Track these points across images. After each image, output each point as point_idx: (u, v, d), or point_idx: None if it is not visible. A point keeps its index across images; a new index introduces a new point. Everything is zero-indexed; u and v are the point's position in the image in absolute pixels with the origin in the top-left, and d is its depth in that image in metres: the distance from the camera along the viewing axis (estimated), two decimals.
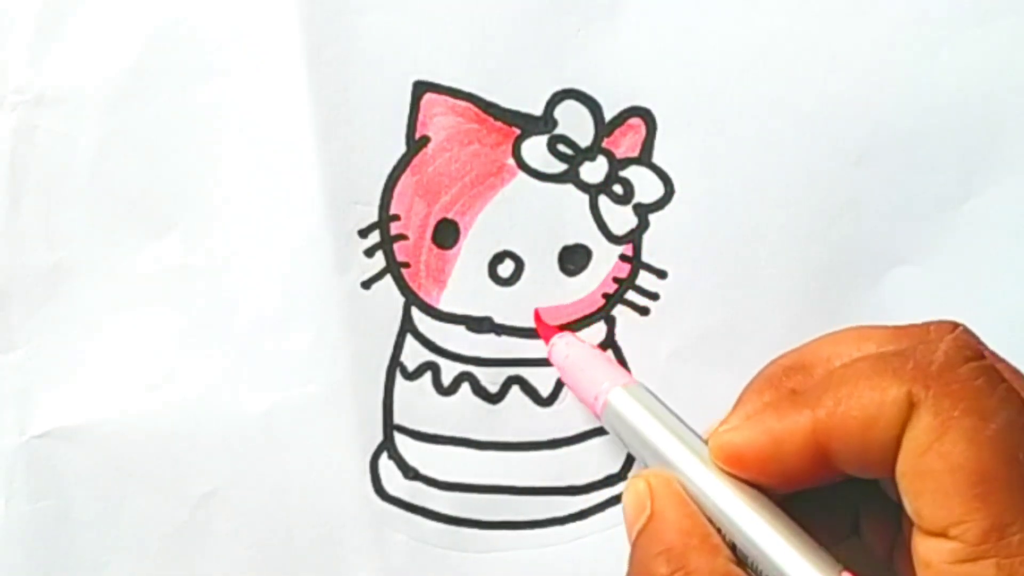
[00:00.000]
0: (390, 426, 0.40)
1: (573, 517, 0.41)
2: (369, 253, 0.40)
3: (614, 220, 0.40)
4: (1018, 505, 0.27)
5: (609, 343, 0.40)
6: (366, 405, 0.40)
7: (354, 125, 0.39)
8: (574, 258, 0.40)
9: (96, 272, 0.40)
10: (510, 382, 0.40)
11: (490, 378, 0.40)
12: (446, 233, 0.40)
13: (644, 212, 0.40)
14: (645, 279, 0.40)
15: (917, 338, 0.31)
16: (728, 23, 0.39)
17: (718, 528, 0.32)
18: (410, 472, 0.40)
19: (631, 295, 0.40)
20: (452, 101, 0.39)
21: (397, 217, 0.40)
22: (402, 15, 0.39)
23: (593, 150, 0.40)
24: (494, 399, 0.40)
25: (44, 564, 0.40)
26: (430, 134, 0.40)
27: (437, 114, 0.39)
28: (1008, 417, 0.28)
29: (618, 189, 0.40)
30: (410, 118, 0.39)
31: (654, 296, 0.40)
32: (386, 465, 0.40)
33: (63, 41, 0.39)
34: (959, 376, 0.28)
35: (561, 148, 0.40)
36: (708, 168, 0.39)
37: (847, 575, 0.30)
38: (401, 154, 0.40)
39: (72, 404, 0.40)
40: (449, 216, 0.40)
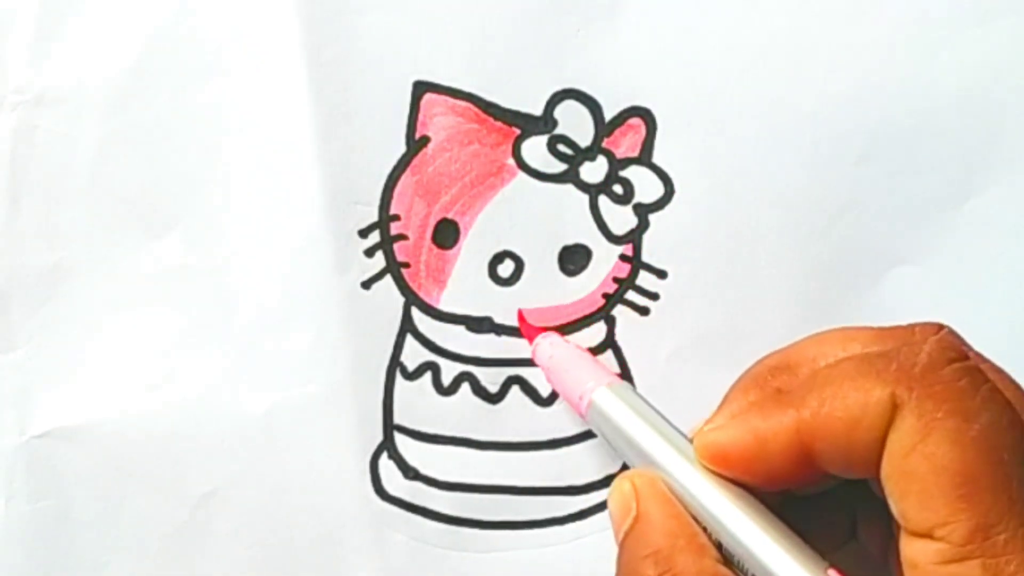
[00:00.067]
0: (390, 426, 0.40)
1: (573, 517, 0.41)
2: (369, 253, 0.40)
3: (614, 220, 0.40)
4: (1003, 505, 0.27)
5: (609, 343, 0.40)
6: (366, 405, 0.40)
7: (354, 125, 0.39)
8: (574, 258, 0.40)
9: (96, 272, 0.40)
10: (510, 382, 0.40)
11: (490, 378, 0.40)
12: (446, 233, 0.40)
13: (644, 212, 0.40)
14: (645, 279, 0.40)
15: (902, 339, 0.31)
16: (728, 23, 0.39)
17: (704, 527, 0.32)
18: (410, 472, 0.40)
19: (631, 295, 0.40)
20: (452, 101, 0.39)
21: (397, 217, 0.40)
22: (402, 15, 0.39)
23: (593, 150, 0.40)
24: (494, 399, 0.40)
25: (44, 564, 0.40)
26: (430, 134, 0.40)
27: (437, 114, 0.40)
28: (991, 417, 0.28)
29: (618, 189, 0.40)
30: (410, 118, 0.39)
31: (654, 296, 0.40)
32: (386, 465, 0.40)
33: (63, 41, 0.39)
34: (942, 377, 0.28)
35: (561, 148, 0.40)
36: (708, 168, 0.39)
37: (833, 572, 0.30)
38: (401, 154, 0.40)
39: (72, 404, 0.40)
40: (449, 216, 0.40)
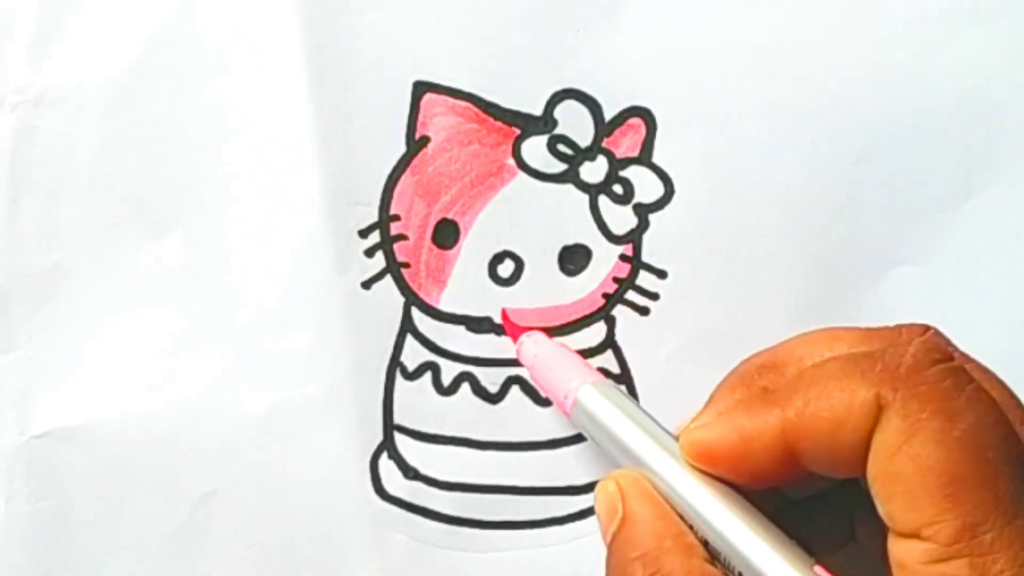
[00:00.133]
0: (390, 426, 0.40)
1: (573, 517, 0.41)
2: (369, 253, 0.40)
3: (614, 220, 0.40)
4: (989, 504, 0.27)
5: (609, 343, 0.40)
6: (366, 405, 0.40)
7: (354, 125, 0.39)
8: (574, 258, 0.40)
9: (96, 272, 0.40)
10: (510, 382, 0.40)
11: (490, 378, 0.40)
12: (446, 233, 0.40)
13: (644, 212, 0.40)
14: (645, 279, 0.40)
15: (888, 340, 0.31)
16: (728, 23, 0.39)
17: (690, 526, 0.31)
18: (410, 472, 0.40)
19: (631, 295, 0.40)
20: (452, 101, 0.39)
21: (397, 217, 0.40)
22: (402, 15, 0.39)
23: (593, 150, 0.40)
24: (494, 399, 0.40)
25: (44, 564, 0.40)
26: (430, 134, 0.40)
27: (437, 114, 0.40)
28: (976, 417, 0.28)
29: (618, 189, 0.40)
30: (410, 118, 0.39)
31: (654, 296, 0.40)
32: (386, 465, 0.40)
33: (63, 41, 0.39)
34: (927, 378, 0.28)
35: (561, 148, 0.40)
36: (708, 168, 0.39)
37: (819, 568, 0.30)
38: (401, 154, 0.40)
39: (72, 404, 0.40)
40: (449, 216, 0.40)
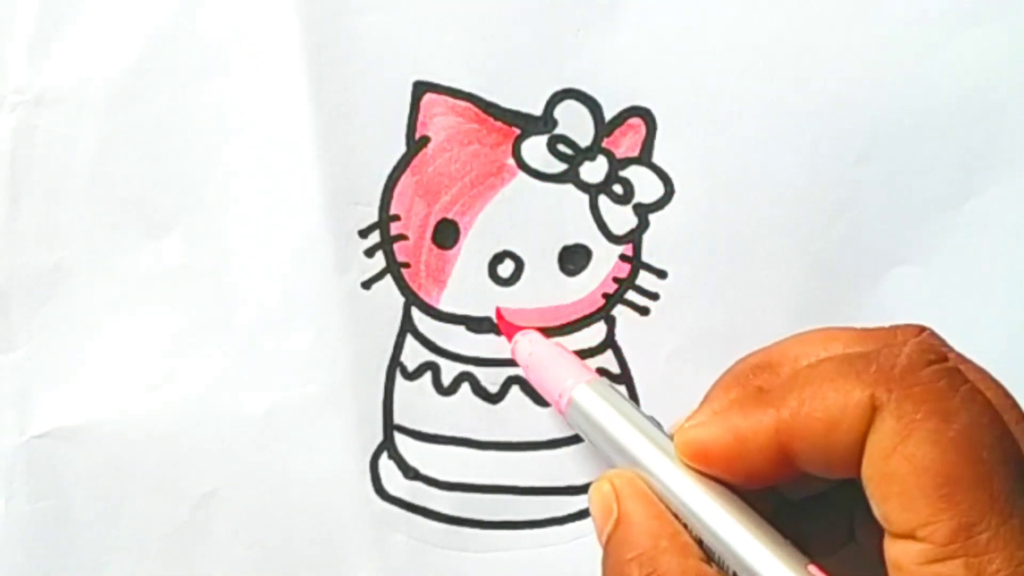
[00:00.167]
0: (390, 426, 0.40)
1: (573, 517, 0.41)
2: (369, 253, 0.40)
3: (614, 220, 0.40)
4: (984, 504, 0.27)
5: (609, 343, 0.40)
6: (366, 405, 0.40)
7: (354, 125, 0.39)
8: (574, 258, 0.40)
9: (96, 272, 0.40)
10: (510, 382, 0.40)
11: (490, 378, 0.40)
12: (446, 233, 0.40)
13: (644, 212, 0.40)
14: (645, 279, 0.40)
15: (883, 341, 0.31)
16: (728, 23, 0.39)
17: (685, 524, 0.32)
18: (410, 472, 0.40)
19: (631, 295, 0.40)
20: (452, 101, 0.39)
21: (397, 217, 0.40)
22: (402, 15, 0.39)
23: (593, 150, 0.40)
24: (494, 399, 0.40)
25: (44, 564, 0.40)
26: (430, 134, 0.40)
27: (437, 114, 0.39)
28: (970, 417, 0.28)
29: (618, 189, 0.40)
30: (410, 118, 0.39)
31: (654, 296, 0.40)
32: (386, 465, 0.40)
33: (63, 41, 0.39)
34: (921, 379, 0.28)
35: (561, 148, 0.40)
36: (708, 168, 0.39)
37: (813, 568, 0.30)
38: (401, 154, 0.40)
39: (72, 404, 0.40)
40: (449, 216, 0.40)
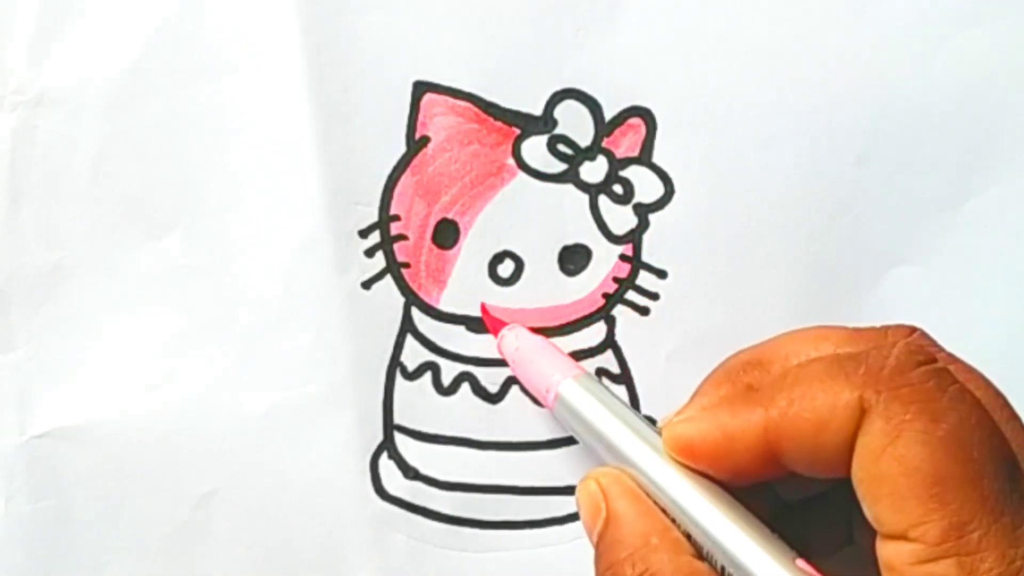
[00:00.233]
0: (390, 426, 0.40)
1: (573, 517, 0.41)
2: (369, 253, 0.40)
3: (614, 220, 0.40)
4: (975, 503, 0.27)
5: (609, 343, 0.40)
6: (366, 405, 0.40)
7: (354, 125, 0.39)
8: (574, 258, 0.40)
9: (96, 272, 0.40)
10: (510, 382, 0.40)
11: (490, 378, 0.40)
12: (446, 233, 0.40)
13: (644, 212, 0.40)
14: (645, 279, 0.40)
15: (874, 341, 0.31)
16: (728, 23, 0.39)
17: (673, 519, 0.31)
18: (410, 472, 0.40)
19: (631, 295, 0.40)
20: (452, 101, 0.39)
21: (397, 217, 0.40)
22: (402, 15, 0.39)
23: (593, 150, 0.40)
24: (494, 399, 0.40)
25: (44, 564, 0.40)
26: (430, 134, 0.40)
27: (437, 114, 0.39)
28: (959, 417, 0.28)
29: (618, 189, 0.40)
30: (410, 118, 0.39)
31: (654, 296, 0.40)
32: (386, 465, 0.40)
33: (63, 41, 0.39)
34: (910, 380, 0.28)
35: (561, 148, 0.40)
36: (708, 168, 0.39)
37: (801, 562, 0.30)
38: (401, 154, 0.40)
39: (72, 404, 0.40)
40: (449, 216, 0.40)
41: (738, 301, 0.40)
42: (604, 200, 0.40)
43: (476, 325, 0.40)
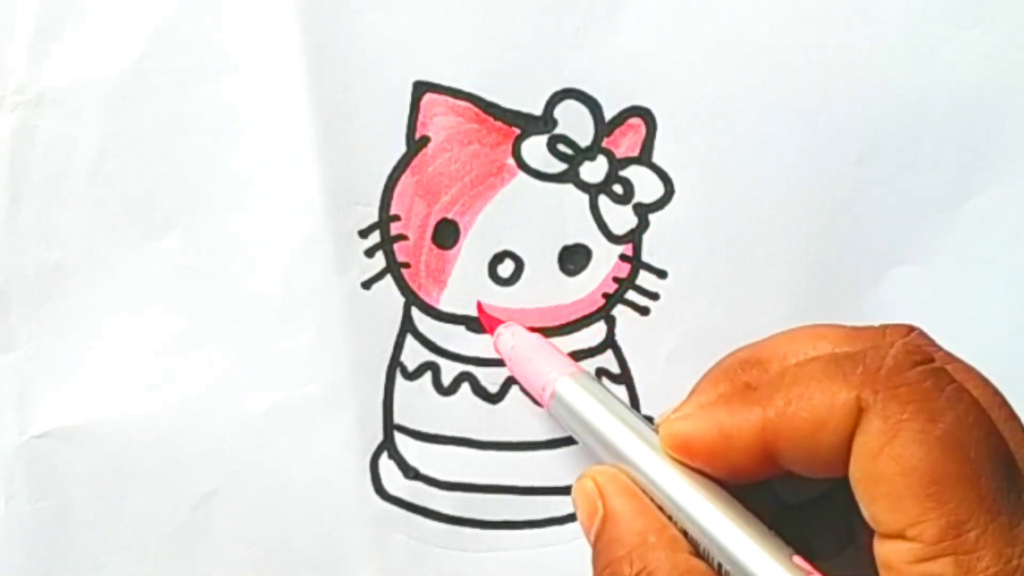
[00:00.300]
0: (390, 426, 0.40)
1: (572, 517, 0.41)
2: (369, 253, 0.40)
3: (614, 220, 0.40)
4: (972, 502, 0.27)
5: (609, 343, 0.40)
6: (366, 405, 0.40)
7: (354, 125, 0.39)
8: (574, 258, 0.40)
9: (96, 272, 0.40)
10: (510, 382, 0.40)
11: (490, 378, 0.40)
12: (446, 233, 0.40)
13: (644, 212, 0.40)
14: (645, 279, 0.40)
15: (871, 340, 0.31)
16: (728, 23, 0.39)
17: (670, 517, 0.31)
18: (410, 472, 0.40)
19: (631, 295, 0.40)
20: (452, 101, 0.39)
21: (397, 217, 0.40)
22: (402, 15, 0.39)
23: (593, 150, 0.40)
24: (494, 399, 0.40)
25: (44, 564, 0.40)
26: (430, 134, 0.40)
27: (437, 114, 0.39)
28: (957, 416, 0.28)
29: (618, 189, 0.40)
30: (410, 118, 0.39)
31: (654, 296, 0.40)
32: (386, 465, 0.40)
33: (63, 41, 0.39)
34: (907, 379, 0.28)
35: (561, 148, 0.40)
36: (708, 168, 0.39)
37: (798, 559, 0.30)
38: (401, 154, 0.40)
39: (72, 404, 0.40)
40: (449, 216, 0.40)
41: (738, 301, 0.40)
42: (604, 200, 0.40)
43: (476, 325, 0.40)
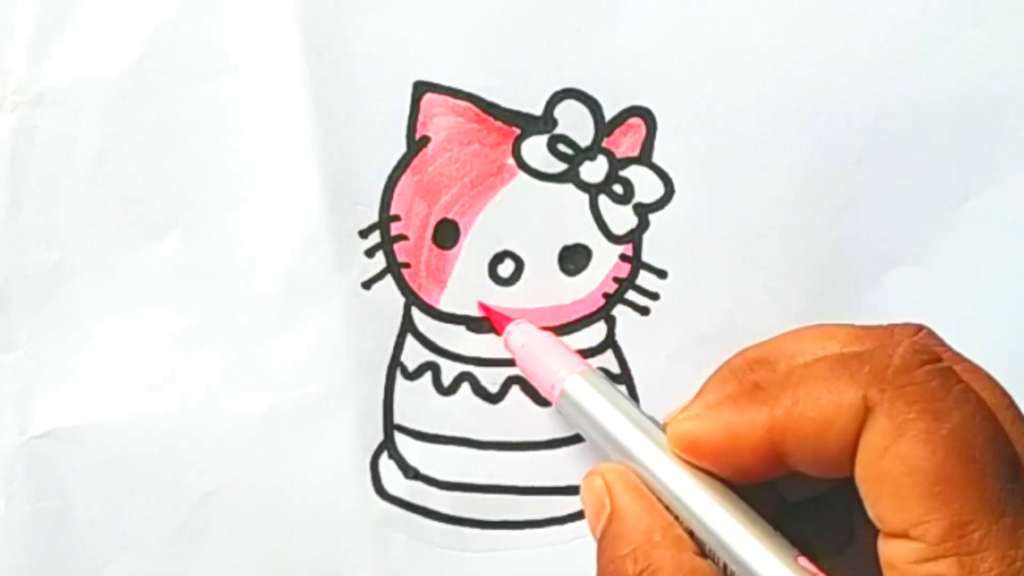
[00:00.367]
0: (390, 426, 0.40)
1: (573, 517, 0.41)
2: (369, 253, 0.40)
3: (614, 220, 0.40)
4: (976, 503, 0.27)
5: (609, 343, 0.40)
6: (366, 405, 0.40)
7: (354, 125, 0.39)
8: (574, 258, 0.40)
9: (96, 272, 0.40)
10: (510, 382, 0.40)
11: (490, 378, 0.40)
12: (446, 233, 0.40)
13: (644, 212, 0.40)
14: (645, 279, 0.40)
15: (879, 340, 0.31)
16: (728, 23, 0.39)
17: (676, 516, 0.32)
18: (410, 472, 0.40)
19: (631, 295, 0.40)
20: (452, 101, 0.39)
21: (397, 217, 0.40)
22: (402, 15, 0.39)
23: (593, 150, 0.40)
24: (494, 399, 0.40)
25: (44, 564, 0.40)
26: (430, 134, 0.40)
27: (437, 114, 0.39)
28: (963, 417, 0.28)
29: (618, 189, 0.40)
30: (410, 118, 0.39)
31: (654, 296, 0.40)
32: (386, 465, 0.40)
33: (63, 41, 0.39)
34: (914, 379, 0.28)
35: (561, 148, 0.40)
36: (708, 168, 0.39)
37: (803, 560, 0.30)
38: (401, 154, 0.40)
39: (72, 404, 0.40)
40: (449, 216, 0.40)
41: (738, 301, 0.40)
42: (604, 200, 0.40)
43: (476, 325, 0.40)
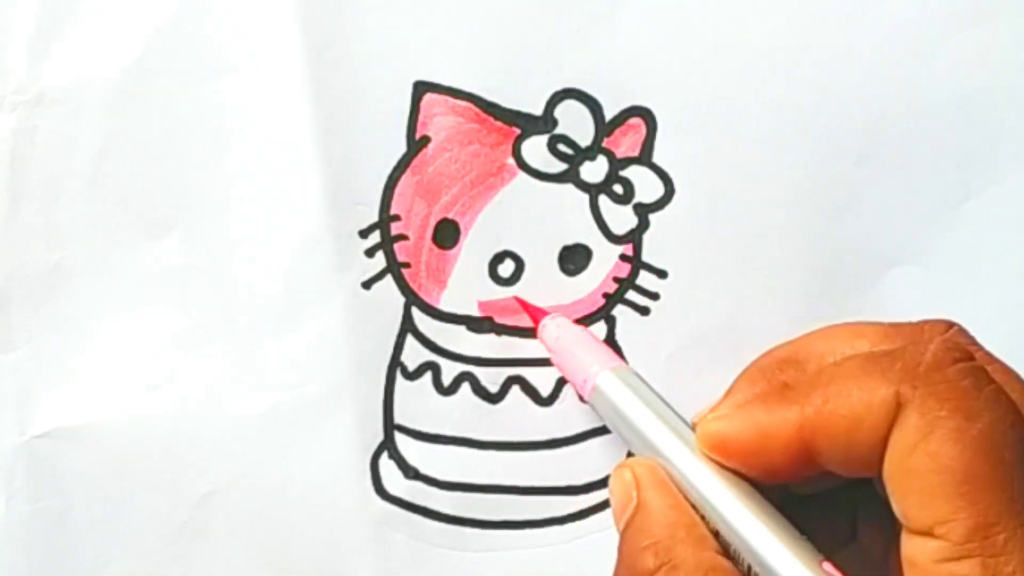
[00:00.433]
0: (390, 426, 0.40)
1: (573, 517, 0.41)
2: (370, 253, 0.40)
3: (614, 220, 0.40)
4: (1003, 504, 0.27)
5: (609, 343, 0.40)
6: (366, 405, 0.40)
7: (354, 125, 0.39)
8: (574, 258, 0.40)
9: (96, 272, 0.40)
10: (510, 382, 0.40)
11: (490, 378, 0.40)
12: (446, 233, 0.40)
13: (644, 212, 0.40)
14: (645, 279, 0.40)
15: (910, 337, 0.31)
16: (729, 23, 0.39)
17: (702, 515, 0.32)
18: (410, 472, 0.40)
19: (631, 295, 0.40)
20: (452, 101, 0.39)
21: (397, 217, 0.40)
22: (402, 15, 0.39)
23: (593, 150, 0.40)
24: (494, 399, 0.40)
25: (44, 564, 0.40)
26: (430, 134, 0.40)
27: (437, 114, 0.40)
28: (993, 417, 0.28)
29: (618, 189, 0.40)
30: (410, 118, 0.39)
31: (654, 296, 0.40)
32: (386, 465, 0.40)
33: (63, 41, 0.39)
34: (946, 376, 0.28)
35: (561, 148, 0.40)
36: (708, 168, 0.39)
37: (828, 565, 0.30)
38: (401, 154, 0.40)
39: (72, 404, 0.40)
40: (449, 216, 0.40)
41: (738, 301, 0.40)
42: (604, 200, 0.40)
43: (476, 325, 0.40)
